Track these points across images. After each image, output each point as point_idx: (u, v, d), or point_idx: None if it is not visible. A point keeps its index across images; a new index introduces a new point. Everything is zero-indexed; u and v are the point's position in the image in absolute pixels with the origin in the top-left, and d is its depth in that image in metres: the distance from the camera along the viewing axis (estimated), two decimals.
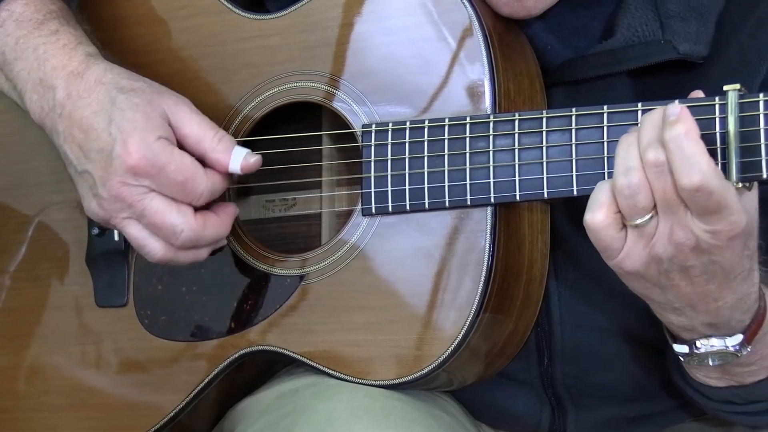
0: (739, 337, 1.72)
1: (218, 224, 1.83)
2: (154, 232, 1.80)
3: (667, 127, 1.57)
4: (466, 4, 1.80)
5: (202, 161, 1.82)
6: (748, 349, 1.73)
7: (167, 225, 1.79)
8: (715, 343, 1.73)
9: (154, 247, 1.82)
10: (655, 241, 1.61)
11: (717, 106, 1.63)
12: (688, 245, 1.60)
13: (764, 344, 1.76)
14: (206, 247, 1.85)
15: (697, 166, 1.56)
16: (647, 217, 1.61)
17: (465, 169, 1.77)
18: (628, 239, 1.63)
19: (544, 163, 1.73)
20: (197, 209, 1.81)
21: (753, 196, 1.64)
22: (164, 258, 1.82)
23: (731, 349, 1.72)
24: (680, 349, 1.76)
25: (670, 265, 1.63)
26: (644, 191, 1.60)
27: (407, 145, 1.80)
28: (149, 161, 1.77)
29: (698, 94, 1.66)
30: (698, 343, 1.74)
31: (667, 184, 1.58)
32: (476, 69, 1.79)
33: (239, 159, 1.82)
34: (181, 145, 1.81)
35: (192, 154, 1.81)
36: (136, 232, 1.82)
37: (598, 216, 1.63)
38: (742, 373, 1.80)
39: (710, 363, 1.75)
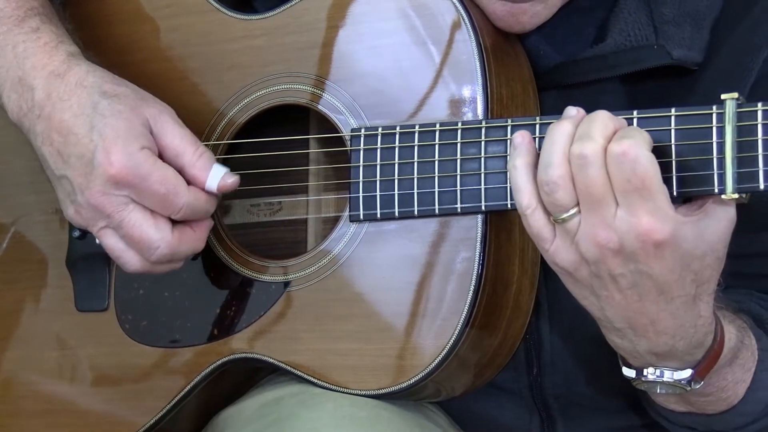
0: (688, 372, 1.69)
1: (194, 239, 1.80)
2: (130, 244, 1.77)
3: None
4: (459, 6, 1.78)
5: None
6: (700, 384, 1.71)
7: (144, 240, 1.76)
8: (664, 375, 1.70)
9: (129, 259, 1.79)
10: (578, 239, 1.58)
11: (714, 115, 1.60)
12: (610, 247, 1.56)
13: (720, 377, 1.75)
14: (181, 261, 1.82)
15: (632, 136, 1.54)
16: (571, 212, 1.58)
17: (456, 176, 1.74)
18: (557, 233, 1.61)
19: None
20: (174, 223, 1.78)
21: (715, 225, 1.60)
22: (140, 270, 1.79)
23: (680, 383, 1.70)
24: (628, 373, 1.73)
25: (596, 269, 1.60)
26: (564, 188, 1.57)
27: (397, 150, 1.78)
28: (131, 171, 1.73)
29: None
30: (645, 371, 1.71)
31: (590, 177, 1.55)
32: (468, 73, 1.76)
33: (217, 178, 1.78)
34: (160, 156, 1.77)
35: (170, 165, 1.77)
36: (112, 243, 1.78)
37: (523, 199, 1.60)
38: (700, 402, 1.78)
39: (658, 391, 1.73)
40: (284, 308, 1.84)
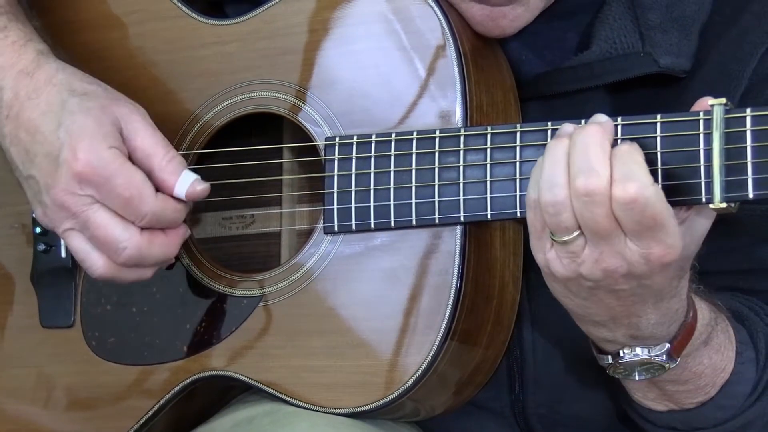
0: (665, 346, 1.68)
1: (165, 244, 1.76)
2: (96, 246, 1.74)
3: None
4: (437, 11, 1.75)
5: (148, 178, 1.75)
6: (676, 362, 1.69)
7: (110, 239, 1.72)
8: (639, 353, 1.68)
9: (95, 262, 1.75)
10: (582, 262, 1.56)
11: (701, 122, 1.57)
12: (619, 272, 1.55)
13: (696, 361, 1.73)
14: (151, 267, 1.78)
15: (634, 176, 1.49)
16: (573, 234, 1.54)
17: (433, 186, 1.71)
18: (554, 249, 1.57)
19: (518, 180, 1.67)
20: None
21: (704, 222, 1.60)
22: (106, 274, 1.75)
23: (657, 359, 1.68)
24: (603, 360, 1.71)
25: (596, 285, 1.58)
26: (569, 209, 1.53)
27: (373, 159, 1.74)
28: (95, 170, 1.70)
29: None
30: (622, 352, 1.69)
31: (597, 215, 1.51)
32: (447, 79, 1.73)
33: (186, 184, 1.75)
34: (130, 158, 1.74)
35: (139, 168, 1.74)
36: (78, 245, 1.75)
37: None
38: (678, 393, 1.76)
39: (636, 377, 1.70)
40: (256, 324, 1.80)
